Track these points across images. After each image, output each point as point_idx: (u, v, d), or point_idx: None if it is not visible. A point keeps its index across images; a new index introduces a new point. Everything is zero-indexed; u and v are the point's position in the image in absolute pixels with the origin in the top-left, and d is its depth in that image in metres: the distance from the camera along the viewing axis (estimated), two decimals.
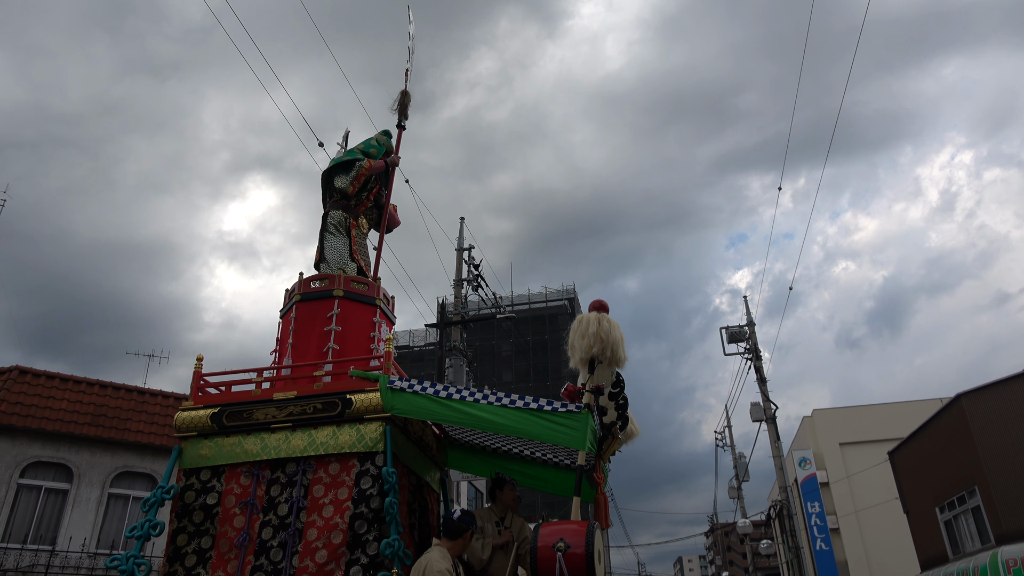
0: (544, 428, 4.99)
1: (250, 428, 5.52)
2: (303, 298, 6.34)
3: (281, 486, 5.31)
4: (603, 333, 5.20)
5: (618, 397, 5.56)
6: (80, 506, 14.50)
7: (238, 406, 5.63)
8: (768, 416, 20.46)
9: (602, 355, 5.18)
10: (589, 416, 4.96)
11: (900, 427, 22.18)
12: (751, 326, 21.90)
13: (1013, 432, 14.24)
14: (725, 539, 67.43)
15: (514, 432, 5.14)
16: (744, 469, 31.24)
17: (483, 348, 48.20)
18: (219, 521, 5.32)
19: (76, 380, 15.21)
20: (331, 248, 6.80)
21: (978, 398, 15.13)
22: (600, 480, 5.49)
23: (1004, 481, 14.13)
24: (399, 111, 7.73)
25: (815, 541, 26.05)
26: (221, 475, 5.47)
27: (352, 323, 6.23)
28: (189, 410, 5.70)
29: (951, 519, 16.40)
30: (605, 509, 5.51)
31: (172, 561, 5.31)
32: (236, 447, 5.48)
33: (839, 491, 27.91)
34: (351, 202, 7.02)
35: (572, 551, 4.24)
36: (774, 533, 33.21)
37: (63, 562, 13.90)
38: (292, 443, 5.37)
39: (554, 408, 5.02)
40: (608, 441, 5.63)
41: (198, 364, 5.96)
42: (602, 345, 5.18)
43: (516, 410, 5.05)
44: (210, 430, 5.58)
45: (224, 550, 5.19)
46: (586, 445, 4.86)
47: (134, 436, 15.26)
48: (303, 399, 5.49)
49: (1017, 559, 13.12)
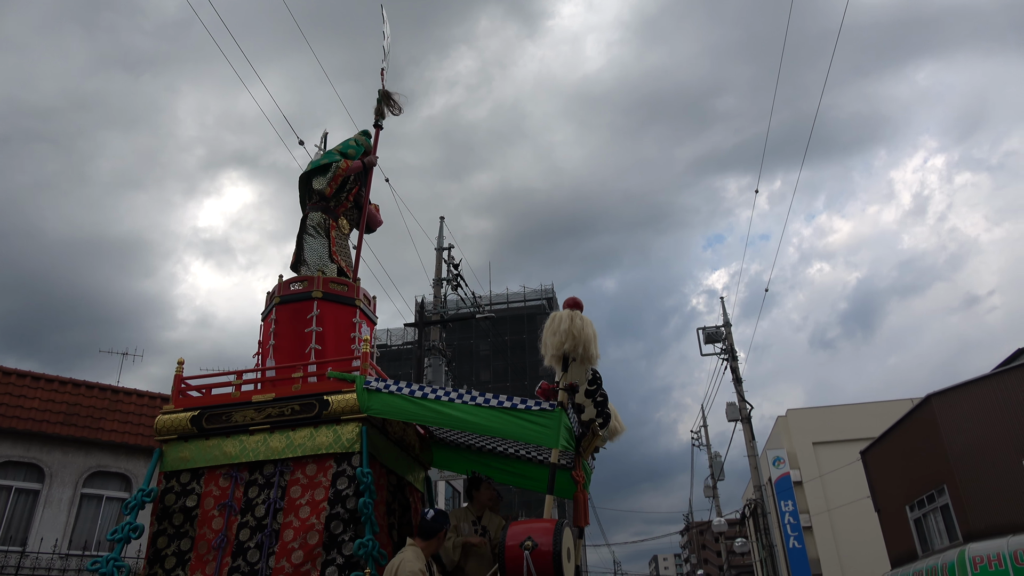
0: (518, 427, 4.99)
1: (229, 431, 5.55)
2: (283, 300, 6.37)
3: (259, 487, 5.34)
4: (575, 330, 5.12)
5: (595, 394, 5.55)
6: (52, 506, 14.29)
7: (217, 408, 5.67)
8: (743, 416, 20.70)
9: (574, 352, 5.11)
10: (562, 414, 4.94)
11: (872, 427, 22.55)
12: (727, 327, 22.13)
13: (981, 432, 14.54)
14: (700, 537, 68.00)
15: (489, 431, 5.18)
16: (719, 468, 31.55)
17: (462, 347, 48.13)
18: (198, 523, 5.34)
19: (48, 379, 14.97)
20: (310, 250, 6.80)
21: (947, 399, 15.43)
22: (580, 478, 5.51)
23: (972, 480, 14.42)
24: (376, 111, 7.77)
25: (788, 539, 26.40)
26: (200, 477, 5.51)
27: (332, 324, 6.25)
28: (170, 413, 5.73)
29: (920, 517, 16.71)
30: (584, 507, 5.52)
31: (152, 563, 5.34)
32: (215, 449, 5.52)
33: (812, 490, 28.31)
34: (330, 203, 7.02)
35: (540, 549, 4.22)
36: (748, 531, 33.58)
37: (34, 563, 13.70)
38: (270, 445, 5.41)
39: (528, 407, 5.02)
40: (588, 438, 5.64)
41: (179, 368, 6.01)
42: (574, 342, 5.10)
43: (491, 409, 5.05)
44: (190, 433, 5.61)
45: (203, 552, 5.22)
46: (559, 443, 4.85)
47: (108, 435, 15.06)
48: (281, 401, 5.52)
49: (984, 556, 13.41)
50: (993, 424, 14.40)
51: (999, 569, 13.05)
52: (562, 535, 4.30)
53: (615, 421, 6.20)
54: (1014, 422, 14.15)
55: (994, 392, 14.70)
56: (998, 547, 13.22)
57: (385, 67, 8.11)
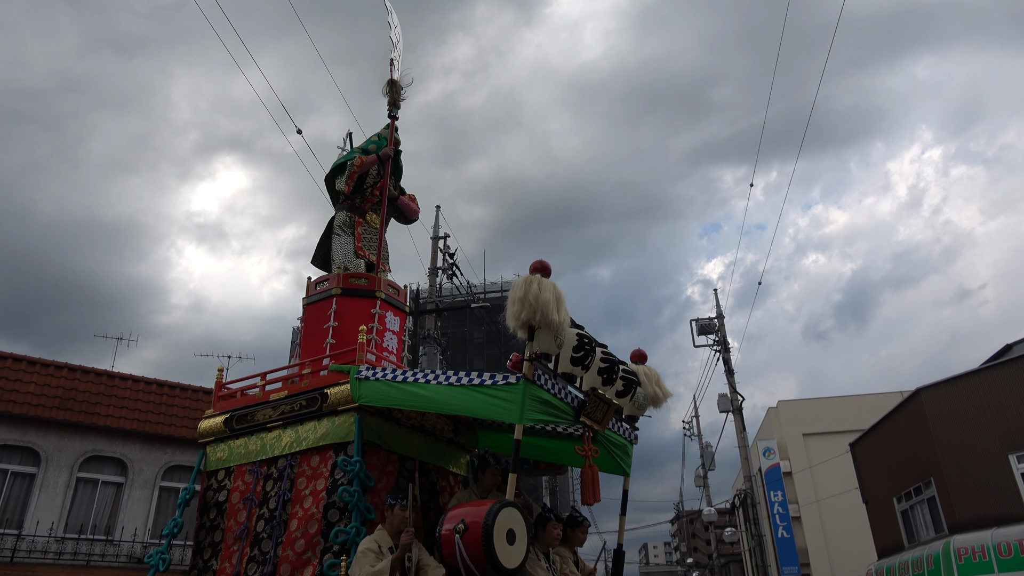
0: (483, 403, 4.83)
1: (252, 429, 5.98)
2: (309, 302, 6.73)
3: (273, 480, 5.63)
4: (531, 297, 4.79)
5: (584, 360, 5.17)
6: (48, 490, 14.37)
7: (243, 410, 6.13)
8: (735, 407, 20.89)
9: (533, 320, 4.77)
10: (526, 386, 4.66)
11: (861, 419, 22.79)
12: (720, 319, 22.27)
13: (968, 426, 14.73)
14: (690, 526, 68.53)
15: (459, 410, 5.10)
16: (711, 458, 31.82)
17: (456, 335, 48.23)
18: (227, 516, 5.78)
19: (44, 363, 15.00)
20: (336, 249, 7.02)
21: (936, 392, 15.60)
22: (589, 452, 5.19)
23: (958, 473, 14.63)
24: (390, 103, 7.59)
25: (777, 529, 26.70)
26: (231, 474, 5.96)
27: (350, 318, 6.42)
28: (211, 417, 6.30)
29: (907, 509, 16.94)
30: (592, 484, 5.18)
31: (195, 555, 5.89)
32: (242, 448, 5.98)
33: (801, 480, 28.61)
34: (355, 200, 7.15)
35: (470, 532, 3.99)
36: (738, 521, 33.91)
37: (30, 546, 13.79)
38: (283, 440, 5.71)
39: (494, 382, 4.83)
40: (600, 408, 5.32)
41: (219, 375, 6.60)
42: (531, 309, 4.75)
43: (460, 387, 4.93)
44: (224, 434, 6.15)
45: (230, 543, 5.62)
46: (521, 418, 4.59)
47: (103, 420, 15.12)
48: (291, 397, 5.83)
49: (968, 548, 13.63)
50: (980, 418, 14.59)
51: (983, 561, 13.28)
52: (496, 516, 4.04)
53: (655, 387, 5.95)
54: (1001, 417, 14.35)
55: (982, 387, 14.88)
56: (982, 539, 13.45)
57: (395, 57, 7.89)
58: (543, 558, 5.25)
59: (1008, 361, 15.25)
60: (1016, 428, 14.07)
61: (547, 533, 5.40)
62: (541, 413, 4.85)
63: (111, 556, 14.69)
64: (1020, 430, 14.01)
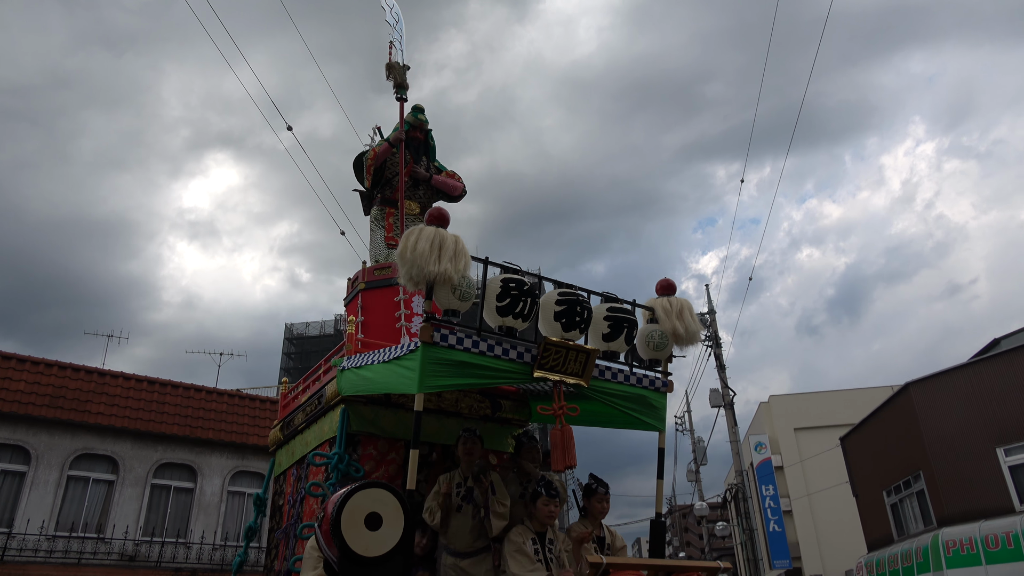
0: (395, 376, 4.46)
1: (292, 434, 6.31)
2: (347, 301, 6.82)
3: (299, 480, 5.91)
4: (407, 250, 4.22)
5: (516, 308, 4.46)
6: (38, 488, 14.31)
7: (288, 417, 6.50)
8: (726, 402, 20.97)
9: (417, 275, 4.21)
10: (426, 350, 4.17)
11: (852, 413, 22.92)
12: (712, 314, 22.34)
13: (957, 420, 14.84)
14: (682, 521, 68.82)
15: (383, 388, 4.77)
16: (702, 453, 31.95)
17: None
18: (280, 518, 6.22)
19: (34, 361, 14.93)
20: (372, 244, 7.12)
21: (925, 387, 15.71)
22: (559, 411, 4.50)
23: (947, 467, 14.75)
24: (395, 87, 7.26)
25: (768, 523, 26.87)
26: (284, 478, 6.38)
27: (375, 311, 6.43)
28: (275, 427, 6.75)
29: (897, 502, 17.07)
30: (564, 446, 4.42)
31: (266, 556, 6.40)
32: (287, 453, 6.39)
33: (792, 475, 28.78)
34: (385, 192, 7.13)
35: (323, 520, 3.69)
36: (730, 515, 34.05)
37: (20, 544, 13.74)
38: (305, 440, 5.98)
39: (404, 352, 4.43)
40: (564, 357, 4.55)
41: (283, 386, 6.97)
42: (410, 265, 4.20)
43: (383, 364, 4.66)
44: (280, 441, 6.59)
45: (278, 541, 6.09)
46: (419, 386, 4.13)
47: (94, 418, 15.06)
48: (309, 399, 6.05)
49: (956, 540, 13.75)
50: (969, 412, 14.70)
51: (970, 553, 13.40)
52: (347, 501, 3.64)
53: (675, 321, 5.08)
54: (989, 411, 14.46)
55: (970, 381, 14.99)
56: (970, 532, 13.57)
57: (395, 38, 7.55)
58: (537, 540, 4.67)
59: (996, 355, 15.36)
60: (1004, 422, 14.18)
61: (538, 510, 4.75)
62: (459, 377, 4.33)
63: (102, 554, 14.66)
64: (1008, 424, 14.13)
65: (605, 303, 5.02)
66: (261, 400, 18.29)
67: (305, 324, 46.94)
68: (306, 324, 46.86)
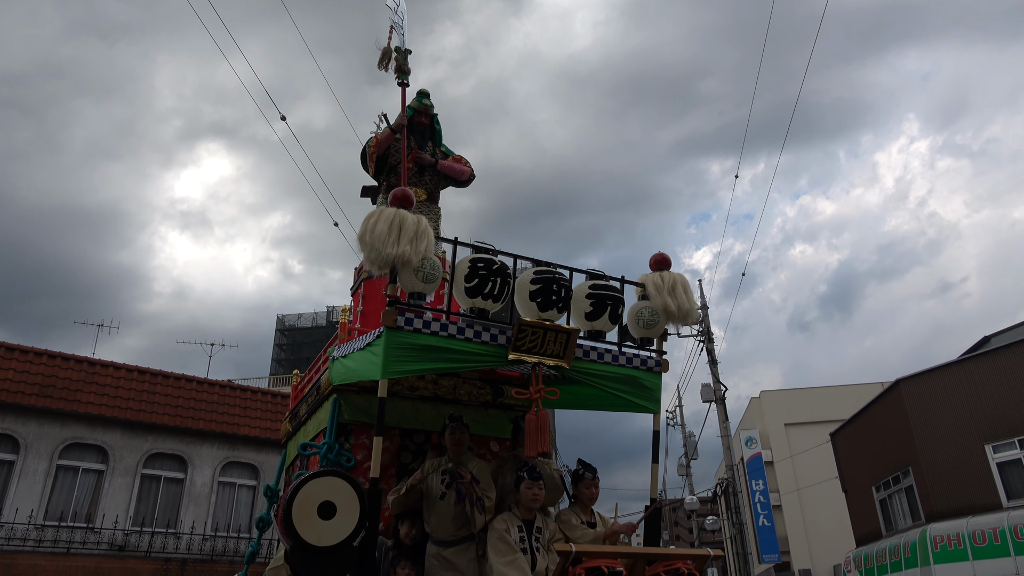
0: (367, 363, 4.38)
1: (299, 426, 6.39)
2: (352, 292, 6.84)
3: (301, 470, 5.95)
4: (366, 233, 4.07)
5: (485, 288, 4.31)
6: (27, 477, 14.25)
7: (295, 408, 6.63)
8: (717, 397, 21.04)
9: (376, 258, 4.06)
10: (389, 335, 4.08)
11: (842, 409, 23.01)
12: (704, 310, 22.39)
13: (946, 417, 14.94)
14: (673, 515, 69.14)
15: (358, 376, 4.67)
16: (693, 448, 32.06)
17: None
18: None
19: (23, 349, 14.84)
20: None
21: (915, 383, 15.81)
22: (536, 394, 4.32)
23: (935, 463, 14.85)
24: (396, 71, 7.10)
25: (758, 517, 26.99)
26: (293, 469, 6.36)
27: (375, 299, 6.26)
28: (286, 419, 6.87)
29: (886, 498, 17.18)
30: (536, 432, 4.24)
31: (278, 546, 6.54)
32: (295, 444, 6.38)
33: (782, 470, 28.89)
34: (390, 180, 6.96)
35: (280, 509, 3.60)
36: (720, 509, 34.21)
37: (9, 533, 13.68)
38: (307, 431, 6.00)
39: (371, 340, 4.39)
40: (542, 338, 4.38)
41: (295, 378, 7.02)
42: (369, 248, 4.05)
43: (359, 352, 4.59)
44: (289, 433, 6.74)
45: None
46: (383, 372, 4.06)
47: (84, 408, 14.99)
48: (309, 391, 6.10)
49: (944, 536, 13.86)
50: (958, 409, 14.80)
51: (958, 548, 13.51)
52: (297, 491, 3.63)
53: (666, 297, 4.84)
54: (978, 408, 14.56)
55: (960, 378, 15.08)
56: (958, 527, 13.68)
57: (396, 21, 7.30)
58: (524, 527, 4.58)
59: (985, 353, 15.46)
60: (992, 419, 14.28)
61: (521, 495, 4.62)
62: (427, 362, 4.20)
63: (92, 543, 14.61)
64: (996, 421, 14.23)
65: (589, 280, 4.82)
66: (252, 391, 18.23)
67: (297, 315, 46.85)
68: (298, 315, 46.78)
